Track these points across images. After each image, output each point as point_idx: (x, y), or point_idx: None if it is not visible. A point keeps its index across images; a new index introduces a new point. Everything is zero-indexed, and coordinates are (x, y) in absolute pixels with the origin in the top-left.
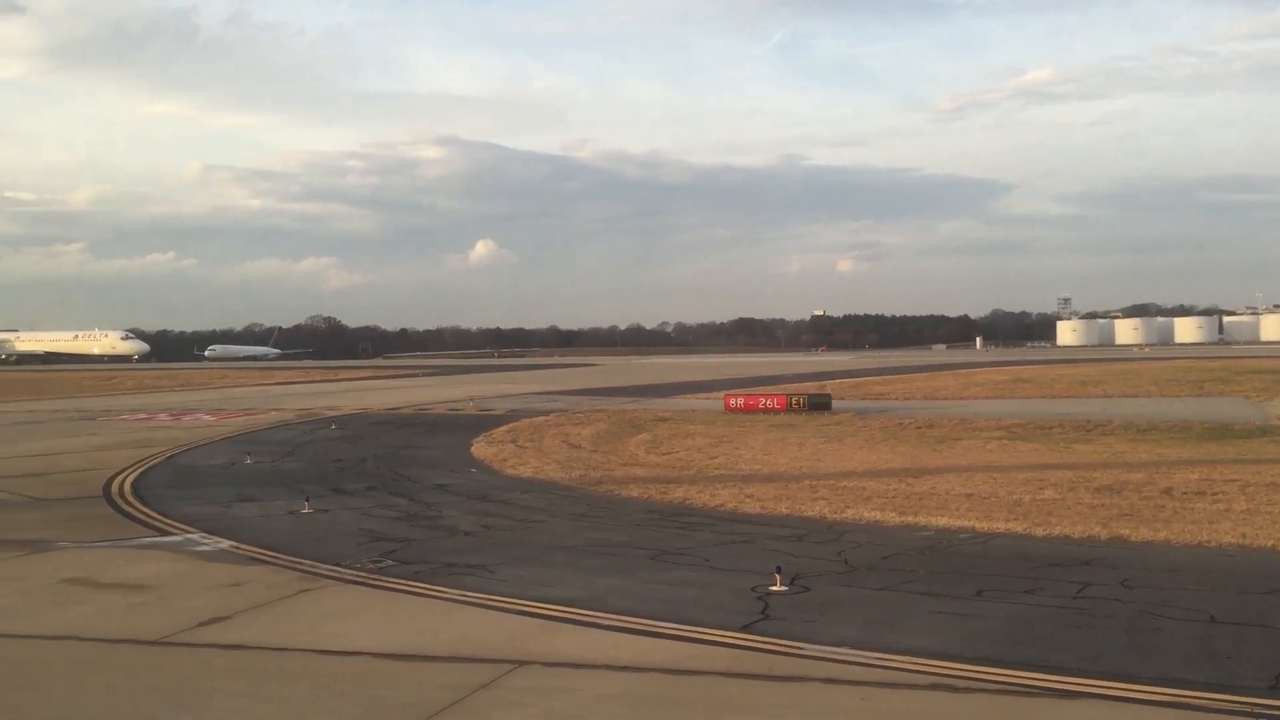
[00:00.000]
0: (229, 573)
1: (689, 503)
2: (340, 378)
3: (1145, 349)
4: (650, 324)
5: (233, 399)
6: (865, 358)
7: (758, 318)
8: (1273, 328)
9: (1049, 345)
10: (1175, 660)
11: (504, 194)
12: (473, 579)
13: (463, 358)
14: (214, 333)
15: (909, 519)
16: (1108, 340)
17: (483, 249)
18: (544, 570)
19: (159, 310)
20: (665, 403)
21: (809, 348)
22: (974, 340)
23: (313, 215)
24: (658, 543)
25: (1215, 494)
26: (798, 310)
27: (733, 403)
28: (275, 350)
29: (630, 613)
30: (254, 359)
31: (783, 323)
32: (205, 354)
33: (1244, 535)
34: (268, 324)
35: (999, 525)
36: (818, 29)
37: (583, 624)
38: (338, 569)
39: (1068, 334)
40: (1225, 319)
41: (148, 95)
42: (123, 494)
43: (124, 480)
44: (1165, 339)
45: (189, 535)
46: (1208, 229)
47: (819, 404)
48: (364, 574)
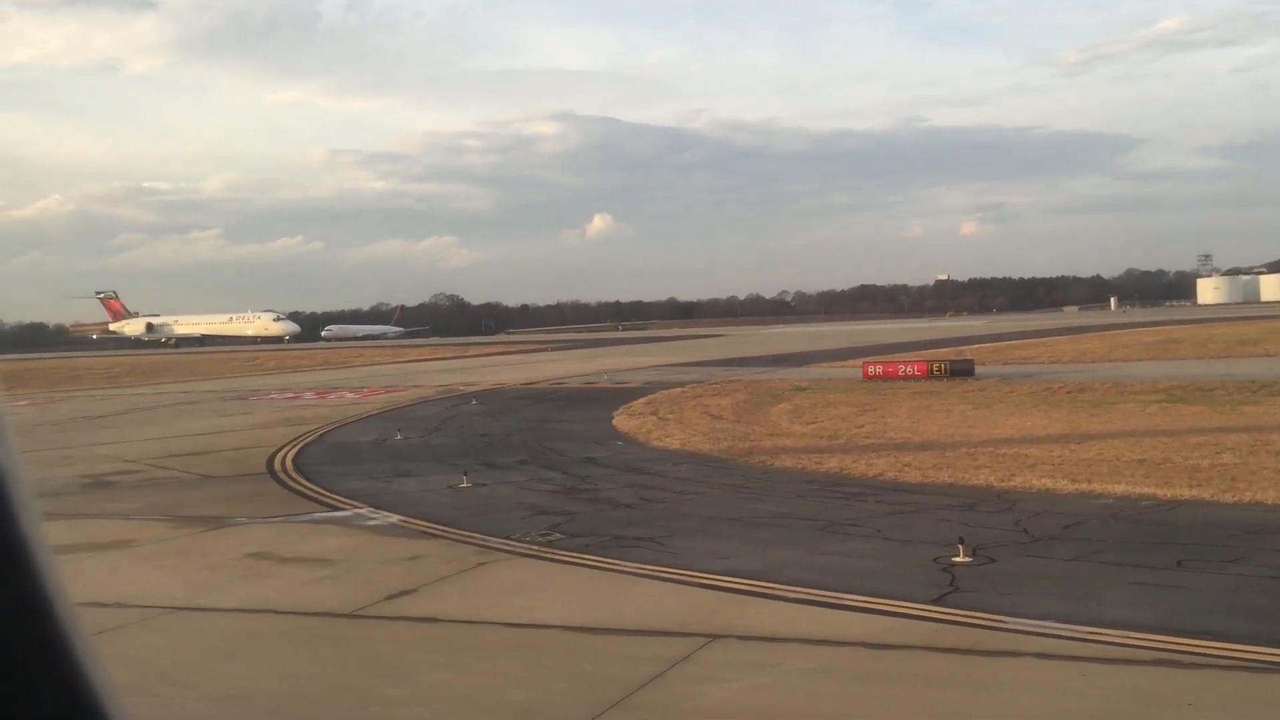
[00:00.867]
0: (404, 547)
1: (846, 472)
2: (471, 354)
3: None
4: (769, 293)
5: (373, 377)
6: (998, 322)
7: (879, 284)
8: None
9: (1189, 304)
10: None
11: (619, 167)
12: (644, 551)
13: (585, 332)
14: (342, 313)
15: (1082, 486)
16: (1252, 297)
17: (600, 223)
18: (715, 542)
19: (290, 292)
20: (799, 372)
21: (934, 313)
22: (1108, 301)
23: (433, 195)
24: (823, 514)
25: None
26: (920, 276)
27: (871, 370)
28: (397, 329)
29: (813, 585)
30: (372, 338)
31: (905, 289)
32: (321, 334)
33: None
34: (393, 303)
35: (1182, 492)
36: None
37: (768, 597)
38: (508, 542)
39: (1209, 292)
40: None
41: (273, 84)
42: (286, 470)
43: (285, 457)
44: None
45: (357, 510)
46: None
47: (961, 370)
48: (536, 547)
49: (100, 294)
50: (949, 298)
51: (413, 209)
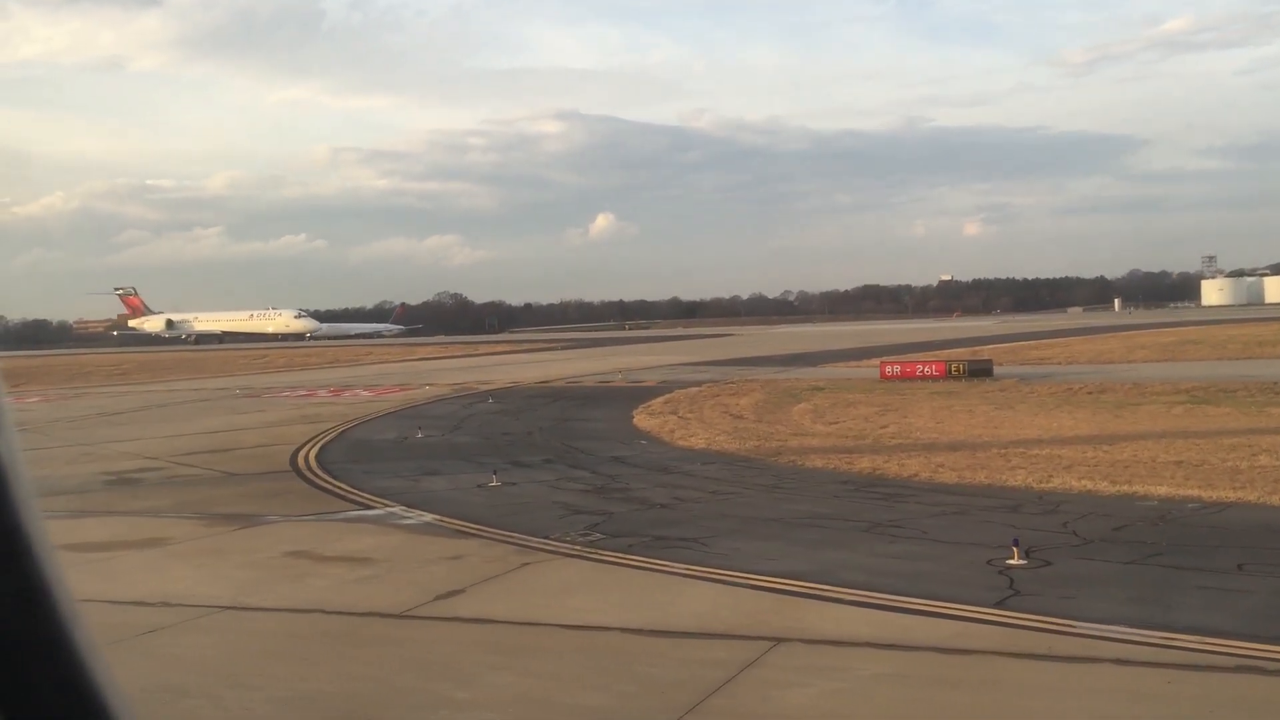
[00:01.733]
0: (444, 546)
1: (879, 473)
2: (480, 352)
3: None
4: (772, 293)
5: (385, 375)
6: (1008, 322)
7: (883, 284)
8: None
9: (1193, 305)
10: None
11: (623, 167)
12: (689, 552)
13: (590, 330)
14: (345, 311)
15: (1123, 488)
16: (1256, 299)
17: (603, 222)
18: (759, 543)
19: (294, 291)
20: (813, 372)
21: (938, 313)
22: (1112, 302)
23: (436, 193)
24: (864, 514)
25: None
26: (923, 276)
27: (889, 370)
28: (394, 327)
29: (866, 587)
30: (364, 336)
31: (909, 289)
32: (308, 335)
33: None
34: (397, 302)
35: (1227, 494)
36: None
37: (823, 599)
38: (549, 541)
39: (1214, 293)
40: None
41: (276, 81)
42: (310, 468)
43: (307, 454)
44: None
45: (389, 509)
46: None
47: (980, 370)
48: (578, 547)
49: (119, 290)
50: (952, 298)
51: (416, 207)
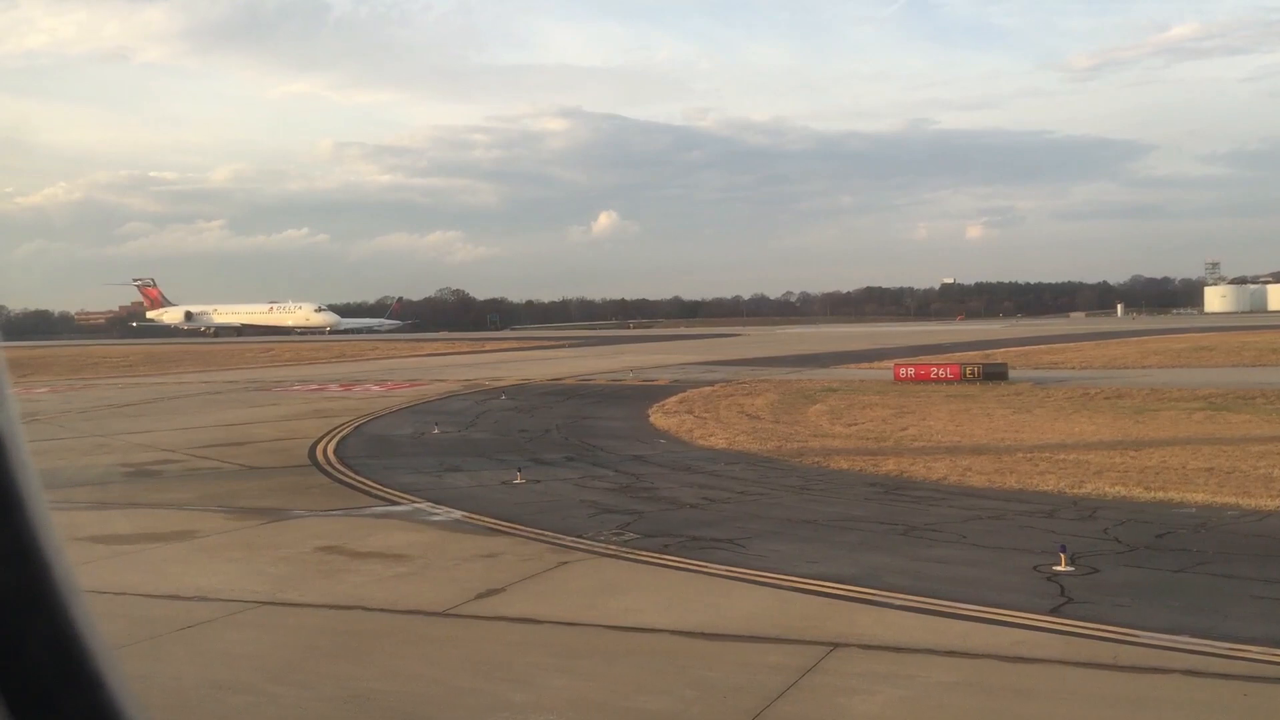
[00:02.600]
0: (477, 544)
1: (906, 475)
2: (487, 349)
3: None
4: (774, 294)
5: (394, 370)
6: (1015, 326)
7: (885, 286)
8: None
9: (1195, 312)
10: None
11: (626, 165)
12: (727, 553)
13: (593, 328)
14: (348, 305)
15: (1158, 495)
16: (1259, 306)
17: (606, 220)
18: (797, 545)
19: (296, 284)
20: (825, 373)
21: (940, 316)
22: (1114, 308)
23: (439, 189)
24: (898, 518)
25: None
26: (925, 278)
27: (903, 372)
28: (390, 322)
29: (914, 591)
30: (355, 331)
31: (911, 291)
32: (295, 330)
33: None
34: (398, 297)
35: (1266, 503)
36: None
37: (872, 604)
38: (582, 540)
39: (1216, 300)
40: None
41: (281, 75)
42: (330, 462)
43: (325, 448)
44: None
45: (416, 505)
46: None
47: (995, 373)
48: (614, 547)
49: (138, 281)
50: (954, 301)
51: (418, 203)
